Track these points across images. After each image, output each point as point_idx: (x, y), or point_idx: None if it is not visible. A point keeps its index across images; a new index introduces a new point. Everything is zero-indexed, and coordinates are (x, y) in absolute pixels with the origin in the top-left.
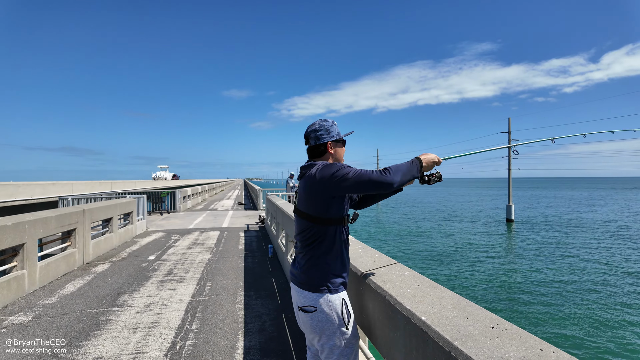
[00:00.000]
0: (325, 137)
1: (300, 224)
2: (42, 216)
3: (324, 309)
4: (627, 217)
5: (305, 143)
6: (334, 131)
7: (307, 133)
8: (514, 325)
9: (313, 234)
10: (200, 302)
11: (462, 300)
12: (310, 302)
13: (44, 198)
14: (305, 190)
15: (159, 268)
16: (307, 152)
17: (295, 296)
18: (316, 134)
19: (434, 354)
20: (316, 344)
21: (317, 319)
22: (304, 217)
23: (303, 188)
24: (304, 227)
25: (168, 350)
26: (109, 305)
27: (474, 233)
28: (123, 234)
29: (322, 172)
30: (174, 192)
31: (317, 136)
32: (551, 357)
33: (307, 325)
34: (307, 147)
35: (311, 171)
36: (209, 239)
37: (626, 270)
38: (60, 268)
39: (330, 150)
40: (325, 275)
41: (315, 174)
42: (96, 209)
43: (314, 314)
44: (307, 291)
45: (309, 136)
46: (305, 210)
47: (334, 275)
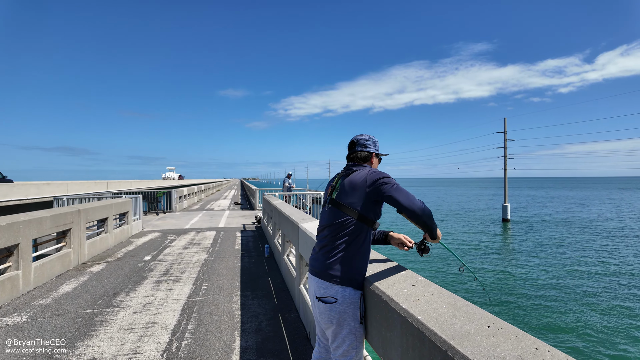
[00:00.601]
0: (371, 148)
1: (334, 215)
2: (37, 216)
3: (345, 301)
4: (622, 217)
5: (350, 147)
6: (377, 146)
7: (357, 140)
8: (510, 325)
9: (348, 228)
10: (197, 303)
11: (458, 300)
12: (331, 293)
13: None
14: (352, 187)
15: (155, 268)
16: (350, 156)
17: (315, 287)
18: (365, 142)
19: (430, 353)
20: (329, 334)
21: (336, 310)
22: (343, 209)
23: (350, 184)
24: (339, 218)
25: (164, 351)
26: (104, 305)
27: (470, 233)
28: (119, 234)
29: (372, 175)
30: (169, 192)
31: (366, 144)
32: (547, 356)
33: (325, 316)
34: (350, 151)
35: (362, 172)
36: (205, 239)
37: (620, 270)
38: (55, 268)
39: (372, 159)
40: (351, 270)
41: (367, 176)
42: (91, 209)
43: (334, 305)
44: (330, 283)
45: (358, 142)
46: (349, 204)
47: (358, 272)
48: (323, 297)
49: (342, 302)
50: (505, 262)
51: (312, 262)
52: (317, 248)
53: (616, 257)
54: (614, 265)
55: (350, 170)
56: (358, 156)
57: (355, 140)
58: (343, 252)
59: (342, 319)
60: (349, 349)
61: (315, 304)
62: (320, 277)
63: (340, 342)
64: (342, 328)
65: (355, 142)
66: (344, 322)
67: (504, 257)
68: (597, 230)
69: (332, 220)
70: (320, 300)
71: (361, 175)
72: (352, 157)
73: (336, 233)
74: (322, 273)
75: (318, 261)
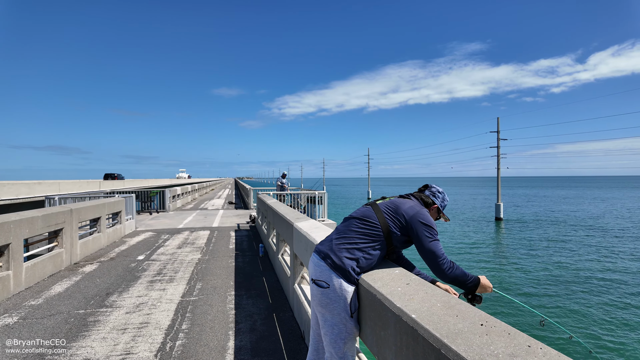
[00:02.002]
0: (437, 201)
1: (368, 214)
2: (28, 216)
3: (336, 289)
4: (613, 215)
5: (420, 189)
6: (445, 204)
7: (430, 186)
8: (503, 323)
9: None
10: (191, 302)
11: (452, 298)
12: (325, 278)
13: (30, 197)
14: (397, 208)
15: (149, 268)
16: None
17: (313, 268)
18: (436, 192)
19: (424, 351)
20: (319, 317)
21: (327, 296)
22: (378, 215)
23: (398, 206)
24: (369, 219)
25: (158, 351)
26: (97, 306)
27: (463, 232)
28: (111, 233)
29: (421, 213)
30: (163, 192)
31: (435, 194)
32: (539, 353)
33: (316, 298)
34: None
35: (415, 206)
36: (199, 238)
37: (611, 267)
38: (47, 268)
39: (432, 207)
40: (351, 264)
41: (418, 210)
42: (84, 209)
43: (325, 291)
44: (327, 267)
45: (430, 189)
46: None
47: (356, 271)
48: (317, 280)
49: (334, 290)
50: (498, 260)
51: (322, 242)
52: (334, 233)
53: (608, 255)
54: (607, 262)
55: (408, 197)
56: (422, 197)
57: (429, 186)
58: (355, 247)
59: (331, 306)
60: (337, 338)
61: (310, 285)
62: (320, 257)
63: (328, 329)
64: (333, 315)
65: (428, 187)
66: (334, 310)
67: (496, 256)
68: (589, 229)
69: (361, 216)
70: (315, 282)
71: (413, 206)
72: (417, 195)
73: (358, 228)
74: (324, 254)
75: (327, 243)
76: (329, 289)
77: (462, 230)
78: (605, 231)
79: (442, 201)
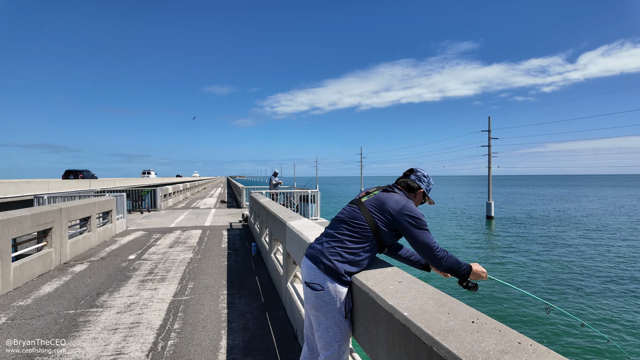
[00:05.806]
0: (423, 185)
1: (354, 214)
2: (16, 215)
3: (330, 292)
4: (603, 214)
5: (406, 174)
6: (430, 188)
7: (416, 170)
8: (494, 320)
9: (360, 232)
10: (182, 302)
11: (444, 296)
12: (319, 281)
13: (18, 197)
14: (382, 203)
15: (140, 267)
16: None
17: (306, 271)
18: (422, 176)
19: (416, 349)
20: (313, 320)
21: (321, 298)
22: (364, 214)
23: (383, 201)
24: (356, 220)
25: (149, 351)
26: (87, 306)
27: (454, 230)
28: (102, 233)
29: (407, 206)
30: (154, 190)
31: (421, 179)
32: (529, 349)
33: (310, 302)
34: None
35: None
36: (191, 237)
37: (601, 264)
38: (36, 268)
39: (418, 192)
40: (344, 267)
41: (404, 204)
42: (73, 208)
43: (320, 293)
44: (320, 271)
45: (415, 172)
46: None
47: (349, 273)
48: (311, 283)
49: (328, 292)
50: (489, 258)
51: (312, 246)
52: (323, 236)
53: (598, 252)
54: (598, 259)
55: (392, 190)
56: (408, 182)
57: (414, 170)
58: (345, 250)
59: (326, 309)
60: (332, 341)
61: (304, 288)
62: (312, 261)
63: (323, 332)
64: (327, 318)
65: (413, 171)
66: (329, 312)
67: (487, 253)
68: (579, 227)
69: (350, 216)
70: (308, 285)
71: (398, 200)
72: (401, 182)
73: (347, 230)
74: (316, 258)
75: (318, 246)
76: (323, 292)
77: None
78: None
79: (427, 185)
